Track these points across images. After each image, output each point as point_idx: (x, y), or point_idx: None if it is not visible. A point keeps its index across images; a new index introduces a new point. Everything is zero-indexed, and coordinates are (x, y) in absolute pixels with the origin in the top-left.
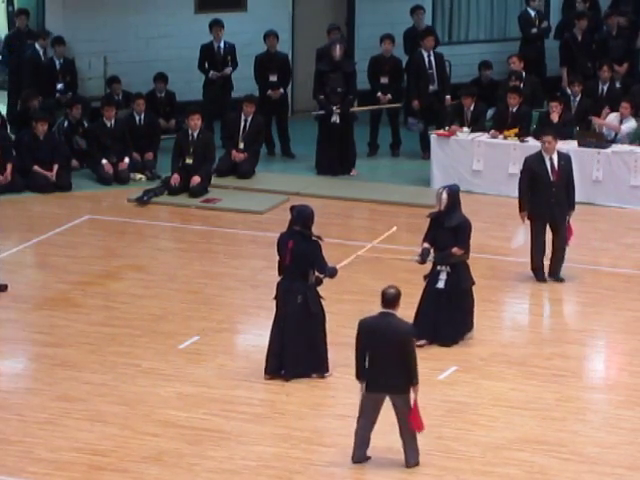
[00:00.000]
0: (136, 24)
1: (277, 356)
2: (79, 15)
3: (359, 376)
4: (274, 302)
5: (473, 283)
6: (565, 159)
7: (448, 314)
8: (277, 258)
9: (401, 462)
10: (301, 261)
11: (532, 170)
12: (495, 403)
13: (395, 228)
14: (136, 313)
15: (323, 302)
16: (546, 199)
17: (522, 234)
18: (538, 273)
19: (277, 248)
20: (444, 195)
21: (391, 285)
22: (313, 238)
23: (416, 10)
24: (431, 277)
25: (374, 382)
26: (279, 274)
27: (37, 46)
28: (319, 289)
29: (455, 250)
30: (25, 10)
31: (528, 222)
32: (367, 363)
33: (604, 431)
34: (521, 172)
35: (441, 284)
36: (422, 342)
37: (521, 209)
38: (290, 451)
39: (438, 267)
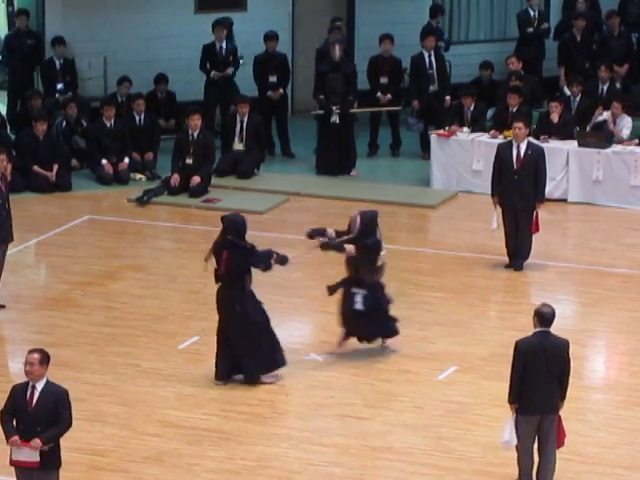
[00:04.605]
0: (136, 24)
1: (226, 361)
2: (79, 15)
3: (513, 400)
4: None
5: None
6: (534, 150)
7: None
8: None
9: (401, 462)
10: (236, 271)
11: (500, 155)
12: (495, 403)
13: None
14: (136, 313)
15: (264, 306)
16: (509, 186)
17: (495, 219)
18: (510, 259)
19: (213, 255)
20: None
21: (545, 303)
22: (247, 247)
23: (436, 10)
24: None
25: (529, 404)
26: (215, 282)
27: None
28: (259, 295)
29: None
30: (25, 10)
31: (500, 208)
32: (523, 385)
33: (604, 431)
34: (494, 157)
35: None
36: None
37: (492, 194)
38: (290, 451)
39: None
